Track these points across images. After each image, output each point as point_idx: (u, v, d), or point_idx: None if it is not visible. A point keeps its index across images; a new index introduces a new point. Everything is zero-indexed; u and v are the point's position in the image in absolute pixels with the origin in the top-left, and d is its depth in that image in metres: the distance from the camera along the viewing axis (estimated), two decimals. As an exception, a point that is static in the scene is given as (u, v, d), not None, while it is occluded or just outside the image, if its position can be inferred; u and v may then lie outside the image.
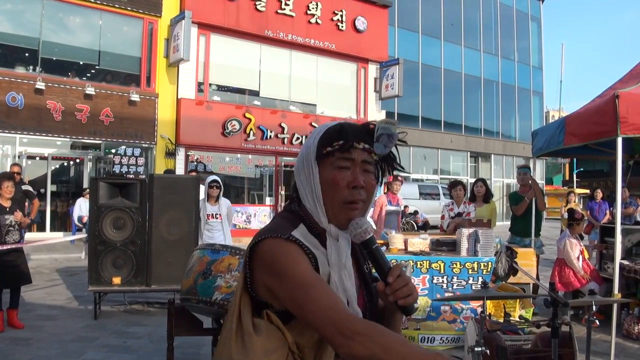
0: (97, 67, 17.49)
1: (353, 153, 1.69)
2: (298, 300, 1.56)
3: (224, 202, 8.52)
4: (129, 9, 17.24)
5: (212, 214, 8.27)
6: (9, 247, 6.91)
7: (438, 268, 6.44)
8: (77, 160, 18.37)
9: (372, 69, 23.23)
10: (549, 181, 48.00)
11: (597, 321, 3.80)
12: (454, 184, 8.78)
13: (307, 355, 1.62)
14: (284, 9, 20.26)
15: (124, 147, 17.12)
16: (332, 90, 22.45)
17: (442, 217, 8.69)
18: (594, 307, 3.73)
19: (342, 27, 21.81)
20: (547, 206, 9.13)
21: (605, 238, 8.50)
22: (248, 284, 1.68)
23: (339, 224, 1.68)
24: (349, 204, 1.67)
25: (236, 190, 19.90)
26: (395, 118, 27.42)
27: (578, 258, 7.85)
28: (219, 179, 8.42)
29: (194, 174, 11.24)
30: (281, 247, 1.63)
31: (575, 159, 35.39)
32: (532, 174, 9.09)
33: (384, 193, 9.57)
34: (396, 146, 1.76)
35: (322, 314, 1.52)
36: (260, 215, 19.90)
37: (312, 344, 1.62)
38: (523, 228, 8.71)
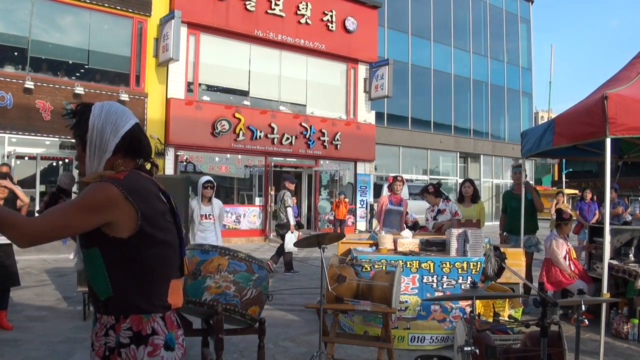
0: (86, 66, 17.41)
1: None
2: None
3: (216, 202, 8.41)
4: (118, 8, 17.18)
5: (205, 215, 8.16)
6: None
7: (428, 268, 6.46)
8: (66, 160, 18.26)
9: (362, 70, 23.26)
10: (538, 181, 48.29)
11: (586, 320, 3.82)
12: (421, 191, 8.85)
13: None
14: (274, 9, 20.25)
15: (113, 147, 17.02)
16: (321, 91, 22.45)
17: (427, 220, 8.73)
18: (582, 306, 3.75)
19: (332, 27, 21.83)
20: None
21: (594, 238, 8.54)
22: None
23: None
24: None
25: (225, 190, 19.86)
26: (385, 119, 27.54)
27: (565, 258, 7.90)
28: (212, 180, 8.27)
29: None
30: None
31: (564, 160, 35.61)
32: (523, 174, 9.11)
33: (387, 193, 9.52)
34: (81, 114, 2.21)
35: None
36: (249, 216, 19.90)
37: None
38: (521, 227, 8.70)
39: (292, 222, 11.90)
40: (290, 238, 11.47)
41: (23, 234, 1.93)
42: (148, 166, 2.34)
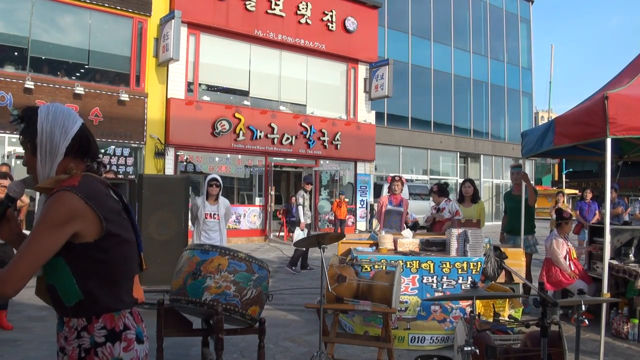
0: (86, 66, 17.41)
1: None
2: None
3: (223, 201, 8.04)
4: (118, 8, 17.18)
5: (211, 214, 7.83)
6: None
7: (428, 268, 6.46)
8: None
9: (362, 70, 23.25)
10: (538, 182, 48.31)
11: (586, 320, 3.81)
12: (429, 192, 8.97)
13: None
14: (274, 9, 20.24)
15: (113, 147, 17.05)
16: (321, 91, 22.44)
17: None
18: (583, 306, 3.74)
19: (332, 27, 21.82)
20: (536, 206, 9.13)
21: (594, 238, 8.54)
22: None
23: None
24: None
25: (226, 190, 19.81)
26: (385, 119, 27.54)
27: (565, 257, 7.89)
28: (219, 177, 7.94)
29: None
30: None
31: (564, 160, 35.61)
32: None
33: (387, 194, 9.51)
34: (28, 119, 2.17)
35: None
36: (250, 216, 19.90)
37: None
38: (520, 227, 8.69)
39: (302, 219, 12.12)
40: (298, 235, 11.66)
41: (3, 282, 1.94)
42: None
